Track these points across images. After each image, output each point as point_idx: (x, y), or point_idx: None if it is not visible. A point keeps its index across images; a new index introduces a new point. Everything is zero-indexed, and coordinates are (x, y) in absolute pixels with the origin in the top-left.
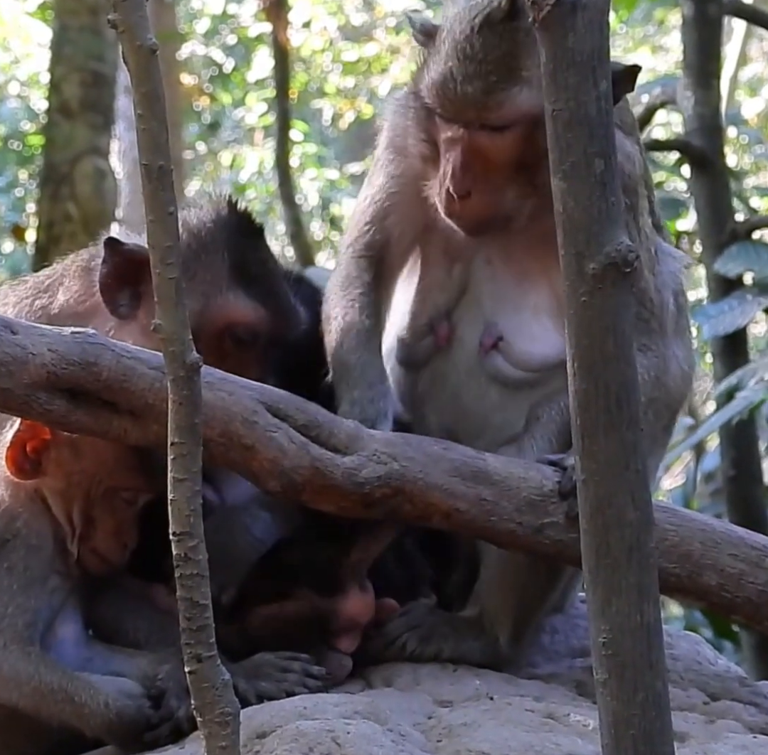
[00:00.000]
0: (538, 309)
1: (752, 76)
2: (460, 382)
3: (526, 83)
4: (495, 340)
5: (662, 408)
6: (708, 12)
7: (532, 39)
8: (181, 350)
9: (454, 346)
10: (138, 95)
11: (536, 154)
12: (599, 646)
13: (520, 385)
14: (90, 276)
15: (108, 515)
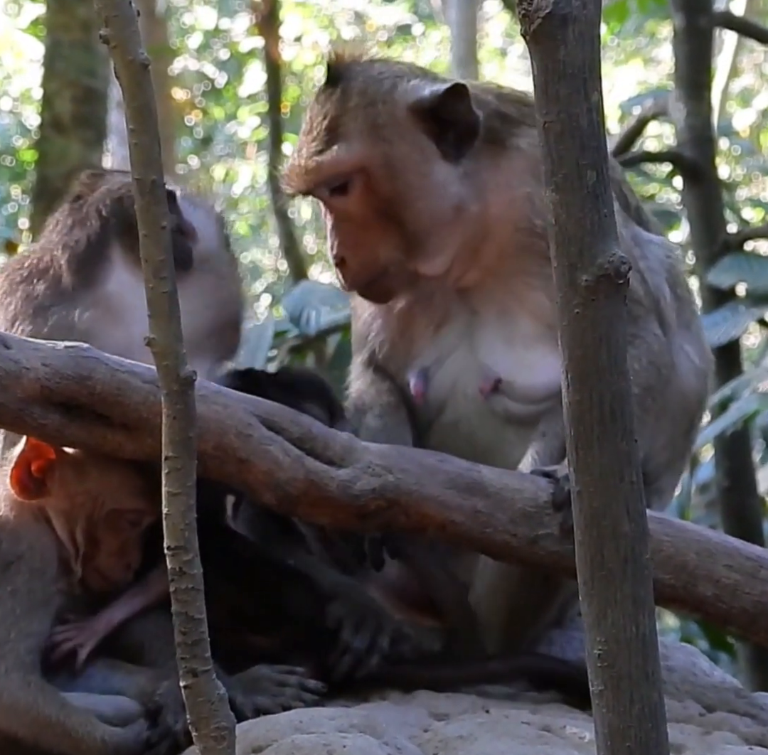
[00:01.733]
0: (528, 340)
1: (743, 88)
2: (473, 432)
3: (344, 139)
4: (494, 383)
5: (676, 410)
6: (699, 24)
7: (350, 98)
8: (175, 364)
9: (448, 403)
10: (130, 110)
11: (386, 201)
12: (595, 658)
13: (532, 418)
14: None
15: (111, 536)
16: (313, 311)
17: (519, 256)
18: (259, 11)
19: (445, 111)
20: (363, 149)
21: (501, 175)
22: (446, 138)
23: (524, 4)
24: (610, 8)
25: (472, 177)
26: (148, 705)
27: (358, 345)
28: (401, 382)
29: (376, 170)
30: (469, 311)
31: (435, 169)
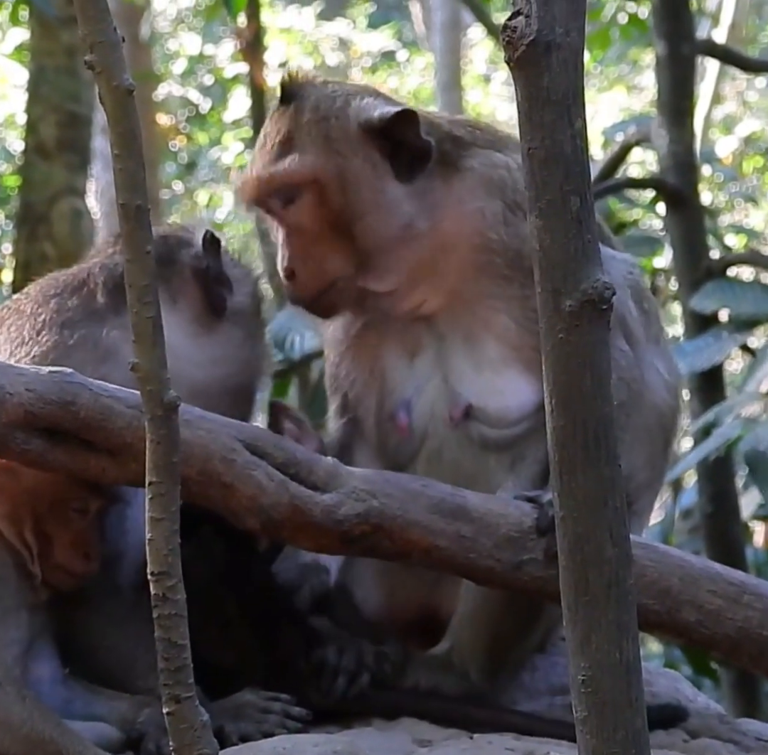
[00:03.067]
0: (496, 364)
1: (726, 115)
2: (455, 458)
3: (297, 151)
4: (464, 410)
5: (652, 426)
6: (681, 52)
7: (303, 114)
8: (158, 389)
9: (429, 432)
10: (114, 135)
11: (336, 214)
12: (578, 684)
13: (509, 443)
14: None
15: (62, 528)
16: (297, 336)
17: (479, 278)
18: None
19: (394, 133)
20: (315, 161)
21: (453, 193)
22: (399, 158)
23: (508, 31)
24: (593, 35)
25: (425, 196)
26: (129, 732)
27: (331, 389)
28: (378, 419)
29: (328, 182)
30: (438, 338)
31: (387, 187)
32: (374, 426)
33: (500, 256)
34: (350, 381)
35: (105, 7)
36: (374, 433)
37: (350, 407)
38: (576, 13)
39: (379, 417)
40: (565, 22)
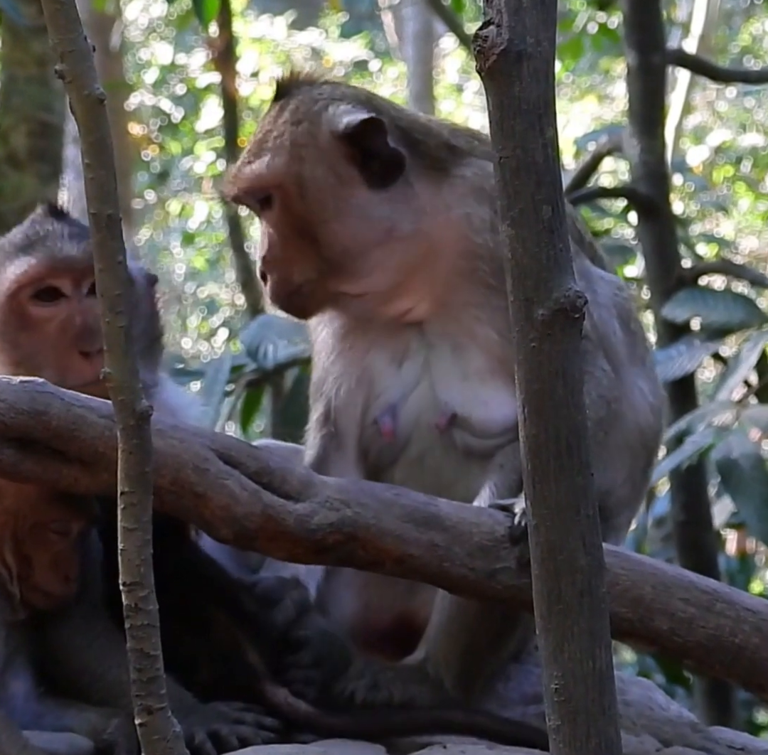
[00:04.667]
0: (482, 375)
1: (696, 125)
2: (438, 466)
3: (268, 153)
4: (449, 418)
5: (636, 446)
6: (652, 62)
7: (283, 114)
8: (131, 399)
9: (413, 438)
10: (86, 144)
11: (300, 220)
12: (552, 692)
13: (492, 452)
14: None
15: (41, 550)
16: (271, 345)
17: (464, 285)
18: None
19: (363, 141)
20: (281, 166)
21: (441, 200)
22: (368, 165)
23: (479, 41)
24: (564, 45)
25: (409, 201)
26: (99, 742)
27: (315, 396)
28: (363, 423)
29: (290, 188)
30: (426, 346)
31: (354, 194)
32: (357, 431)
33: (486, 262)
34: (337, 386)
35: (76, 17)
36: (356, 440)
37: (332, 416)
38: (547, 23)
39: (363, 422)
40: (536, 32)
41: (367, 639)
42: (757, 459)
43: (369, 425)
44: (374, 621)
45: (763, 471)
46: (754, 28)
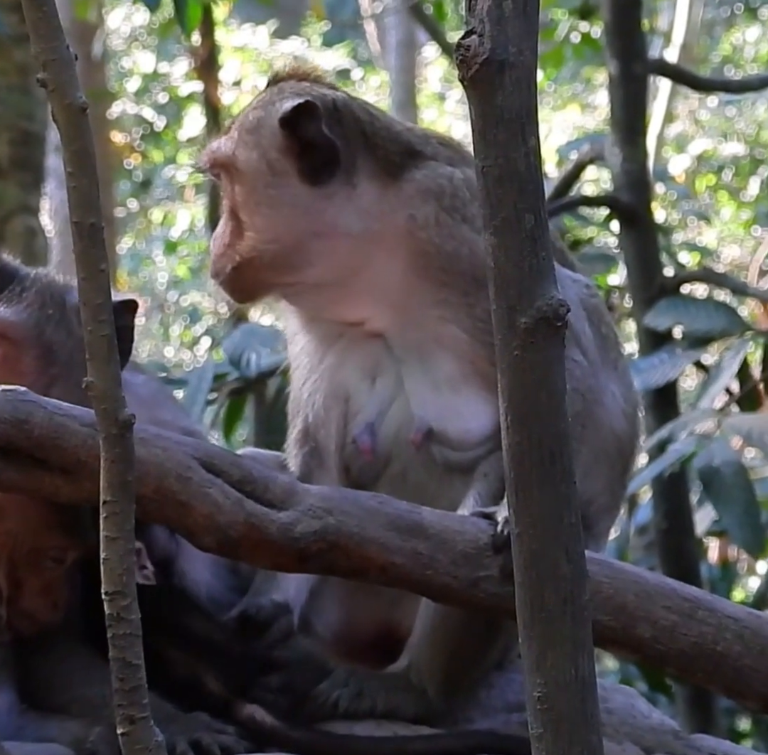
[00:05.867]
0: (454, 383)
1: (678, 134)
2: (420, 481)
3: (225, 133)
4: (425, 433)
5: (611, 452)
6: (634, 71)
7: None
8: (113, 407)
9: (393, 454)
10: (68, 153)
11: (235, 203)
12: (534, 700)
13: (474, 464)
14: None
15: (35, 575)
16: (253, 354)
17: (419, 285)
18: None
19: (298, 129)
20: (228, 147)
21: (385, 202)
22: (308, 159)
23: (462, 50)
24: (546, 54)
25: (352, 201)
26: (81, 752)
27: (292, 413)
28: (341, 442)
29: (230, 170)
30: (396, 361)
31: (287, 185)
32: (337, 450)
33: (435, 258)
34: (312, 402)
35: (58, 25)
36: (336, 458)
37: (311, 433)
38: (529, 32)
39: (342, 441)
40: (518, 41)
41: (351, 649)
42: (738, 467)
43: (348, 443)
44: (358, 630)
45: (745, 479)
46: (735, 38)
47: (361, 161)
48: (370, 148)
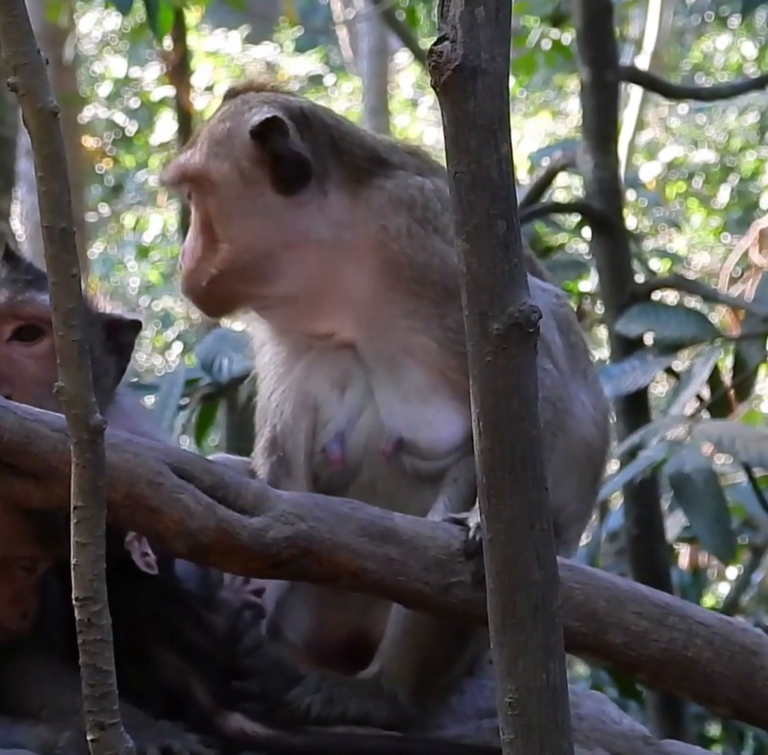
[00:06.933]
0: (424, 393)
1: (649, 141)
2: (390, 490)
3: (193, 146)
4: (395, 443)
5: (582, 460)
6: (605, 78)
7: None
8: (84, 413)
9: (363, 464)
10: (39, 157)
11: (208, 216)
12: (505, 706)
13: (442, 472)
14: None
15: (5, 584)
16: (226, 359)
17: (389, 297)
18: (169, 60)
19: (267, 141)
20: (197, 160)
21: (357, 211)
22: (279, 169)
23: (434, 56)
24: (518, 61)
25: (323, 210)
26: None
27: (260, 423)
28: (310, 452)
29: (202, 182)
30: (365, 370)
31: (260, 196)
32: (305, 459)
33: (407, 269)
34: (280, 412)
35: (29, 29)
36: (305, 468)
37: (279, 443)
38: (501, 39)
39: (310, 451)
40: (490, 48)
41: (322, 655)
42: (709, 474)
43: (317, 453)
44: (329, 636)
45: (716, 486)
46: (706, 46)
47: (332, 167)
48: (339, 152)
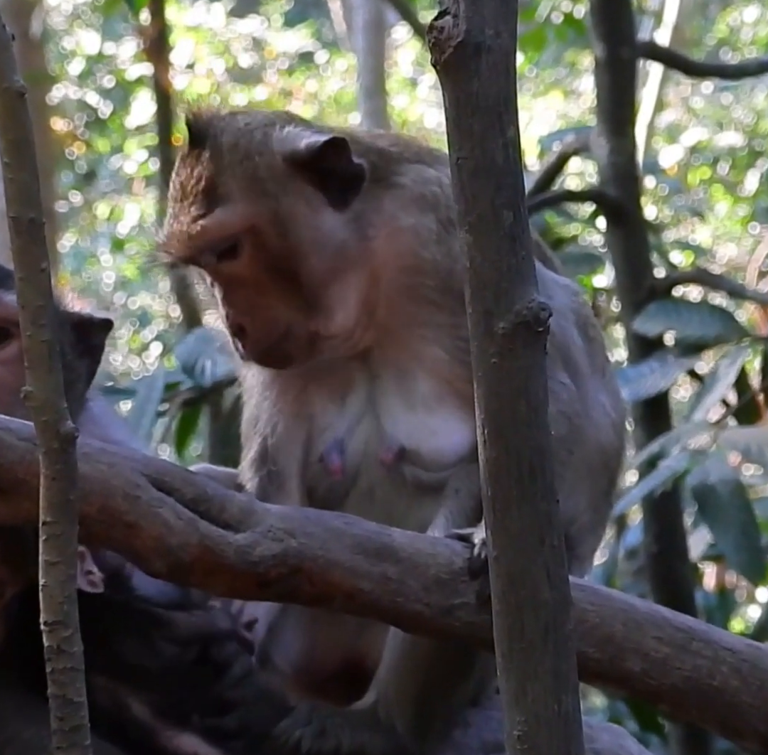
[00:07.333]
0: (430, 402)
1: (670, 123)
2: (389, 500)
3: (226, 199)
4: (396, 453)
5: (597, 467)
6: (621, 55)
7: (222, 155)
8: (54, 419)
9: (362, 473)
10: (5, 143)
11: (279, 259)
12: (514, 740)
13: (444, 483)
14: None
15: None
16: (209, 361)
17: (407, 303)
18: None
19: (324, 163)
20: (248, 207)
21: (384, 212)
22: (331, 186)
23: (434, 31)
24: (526, 37)
25: (358, 220)
26: None
27: (247, 435)
28: (306, 462)
29: (265, 227)
30: (370, 376)
31: (324, 219)
32: (300, 470)
33: (431, 277)
34: (272, 424)
35: None
36: (299, 478)
37: (270, 456)
38: (507, 13)
39: (306, 461)
40: (495, 23)
41: (314, 682)
42: (736, 486)
43: (314, 463)
44: (321, 662)
45: (743, 499)
46: (732, 18)
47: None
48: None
